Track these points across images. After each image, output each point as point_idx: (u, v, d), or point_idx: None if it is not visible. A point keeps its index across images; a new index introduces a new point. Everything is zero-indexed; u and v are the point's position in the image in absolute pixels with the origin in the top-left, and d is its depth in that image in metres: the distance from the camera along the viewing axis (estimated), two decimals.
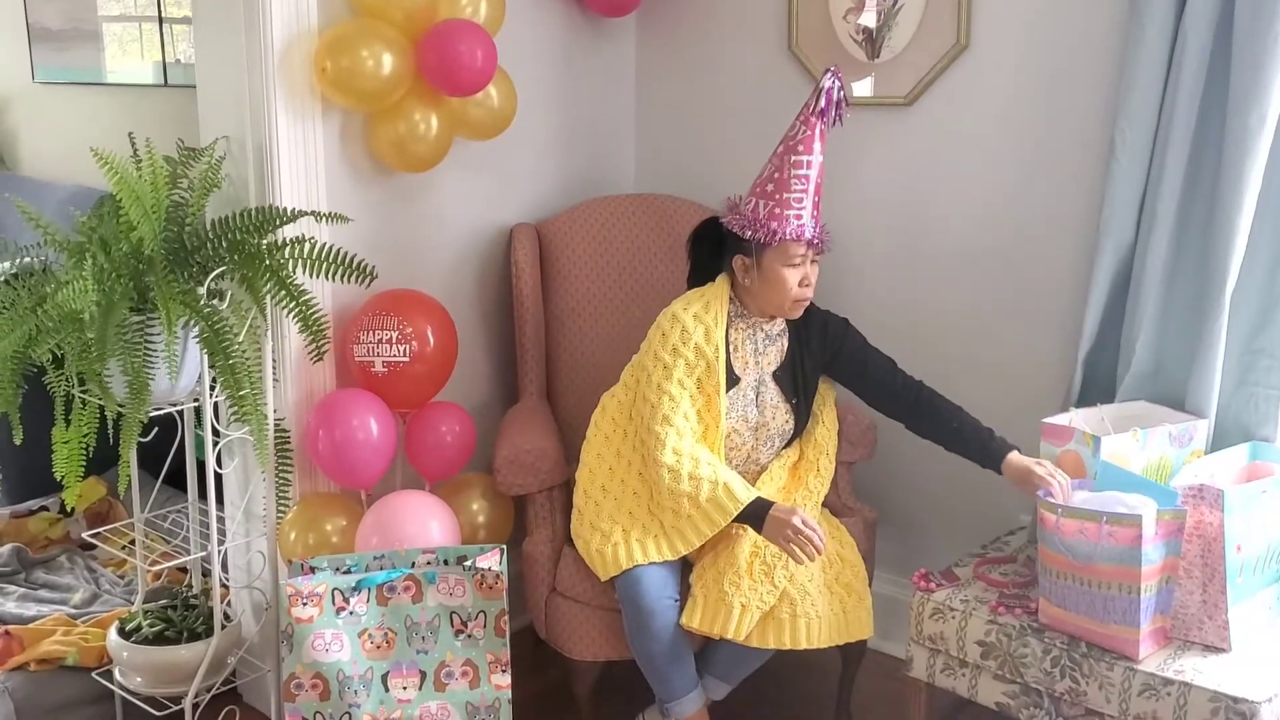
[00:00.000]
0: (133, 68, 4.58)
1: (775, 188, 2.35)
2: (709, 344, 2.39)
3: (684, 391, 2.38)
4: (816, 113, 2.33)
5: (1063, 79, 2.60)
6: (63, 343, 2.18)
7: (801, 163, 2.33)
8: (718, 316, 2.42)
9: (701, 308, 2.42)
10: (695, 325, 2.40)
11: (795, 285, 2.38)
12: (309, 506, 2.60)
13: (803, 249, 2.36)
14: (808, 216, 2.35)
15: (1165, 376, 2.46)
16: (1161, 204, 2.37)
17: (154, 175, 2.28)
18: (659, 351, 2.41)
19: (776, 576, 2.32)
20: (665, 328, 2.42)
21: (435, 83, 2.55)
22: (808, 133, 2.33)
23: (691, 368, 2.39)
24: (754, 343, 2.47)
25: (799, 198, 2.33)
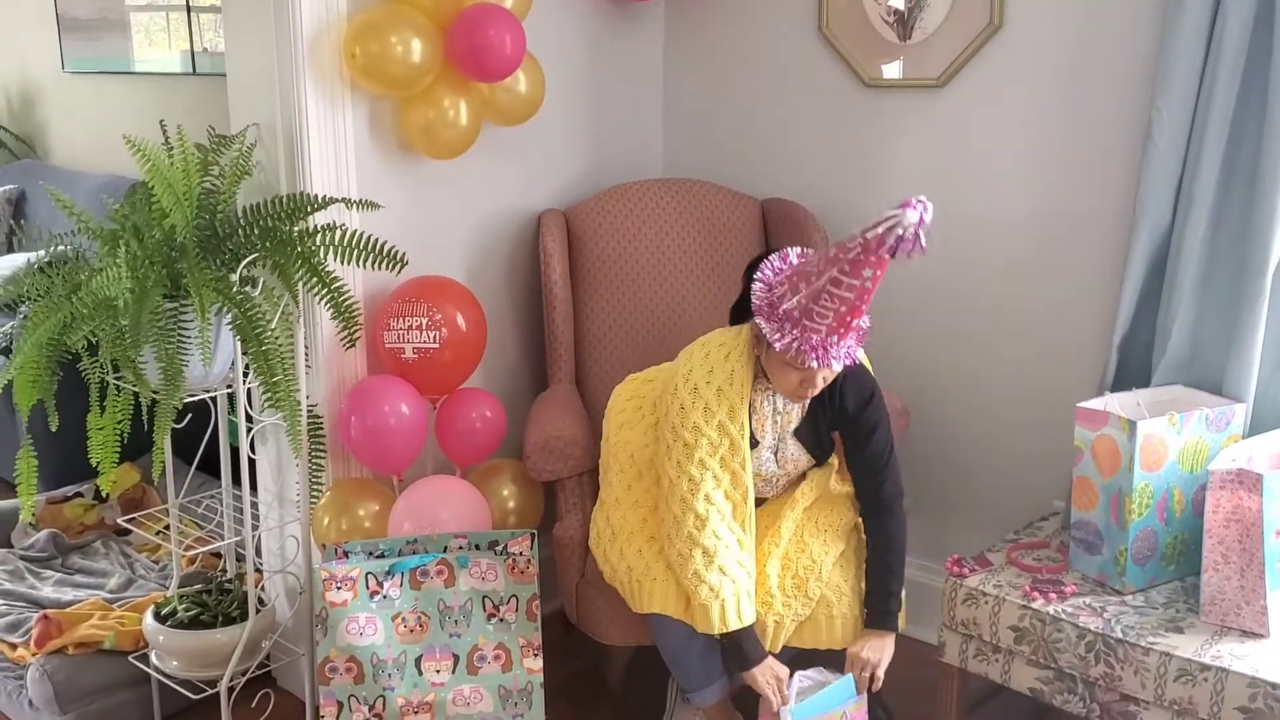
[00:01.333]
0: (160, 57, 4.61)
1: (807, 298, 2.04)
2: (734, 423, 2.22)
3: (705, 472, 2.22)
4: (879, 245, 1.92)
5: (1098, 59, 2.57)
6: (97, 330, 2.19)
7: (841, 283, 1.98)
8: (742, 390, 2.23)
9: (725, 379, 2.22)
10: (719, 402, 2.22)
11: (796, 384, 2.16)
12: (342, 492, 2.61)
13: (811, 363, 2.09)
14: (828, 333, 2.04)
15: (1202, 360, 2.43)
16: (1199, 185, 2.34)
17: (186, 162, 2.29)
18: (678, 428, 2.23)
19: (810, 589, 2.29)
20: (685, 403, 2.23)
21: (464, 68, 2.54)
22: (859, 256, 1.94)
23: (715, 447, 2.22)
24: (772, 404, 2.30)
25: (824, 316, 2.02)
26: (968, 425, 2.92)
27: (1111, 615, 2.16)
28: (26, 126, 5.45)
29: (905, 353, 2.97)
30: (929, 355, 2.95)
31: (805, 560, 2.31)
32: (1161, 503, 2.26)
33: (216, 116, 2.67)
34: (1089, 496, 2.31)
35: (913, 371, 2.96)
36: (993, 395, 2.86)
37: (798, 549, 2.33)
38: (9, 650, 2.75)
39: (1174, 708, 2.03)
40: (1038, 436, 2.77)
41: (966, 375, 2.90)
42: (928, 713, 2.49)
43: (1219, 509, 2.12)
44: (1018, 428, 2.83)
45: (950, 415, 2.93)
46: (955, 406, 2.92)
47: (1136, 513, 2.23)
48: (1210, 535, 2.13)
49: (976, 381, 2.89)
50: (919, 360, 2.96)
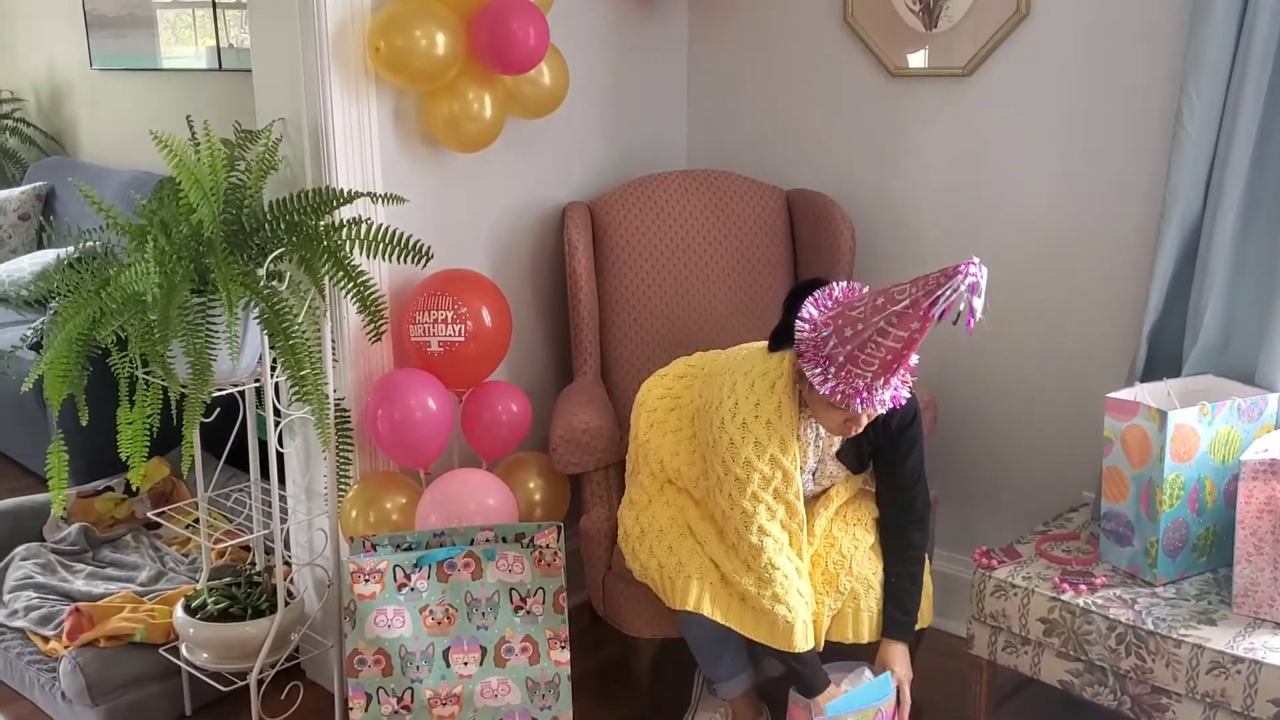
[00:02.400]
0: (187, 53, 4.64)
1: (853, 345, 1.99)
2: (786, 455, 2.18)
3: (759, 505, 2.20)
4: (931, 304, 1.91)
5: (1127, 46, 2.54)
6: (126, 325, 2.21)
7: (889, 334, 1.95)
8: (791, 423, 2.18)
9: (774, 412, 2.17)
10: (769, 436, 2.17)
11: (839, 423, 2.14)
12: (369, 485, 2.62)
13: (854, 408, 2.06)
14: (873, 379, 2.00)
15: (1234, 350, 2.41)
16: (1230, 173, 2.32)
17: (212, 158, 2.30)
18: (729, 463, 2.19)
19: (842, 583, 2.28)
20: (735, 437, 2.18)
21: (488, 61, 2.54)
22: (910, 310, 1.93)
23: (767, 480, 2.19)
24: (815, 431, 2.26)
25: (870, 363, 1.99)
26: (996, 416, 2.90)
27: (1143, 607, 2.14)
28: (55, 123, 5.50)
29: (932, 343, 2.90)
30: (956, 346, 2.93)
31: (835, 555, 2.30)
32: (1193, 494, 2.24)
33: (242, 112, 2.68)
34: (1119, 488, 2.29)
35: (940, 362, 2.94)
36: (1021, 386, 2.84)
37: (827, 544, 2.32)
38: (41, 643, 2.78)
39: (1206, 700, 2.02)
40: (1067, 427, 2.75)
41: (994, 366, 2.88)
42: (957, 706, 2.48)
43: (1251, 500, 2.10)
44: (1046, 418, 2.81)
45: (978, 406, 2.92)
46: (983, 397, 2.90)
47: (1168, 504, 2.20)
48: (1243, 526, 2.11)
49: (1004, 372, 2.87)
50: (946, 351, 2.94)
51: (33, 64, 5.52)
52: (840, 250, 2.88)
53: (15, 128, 5.48)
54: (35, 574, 3.04)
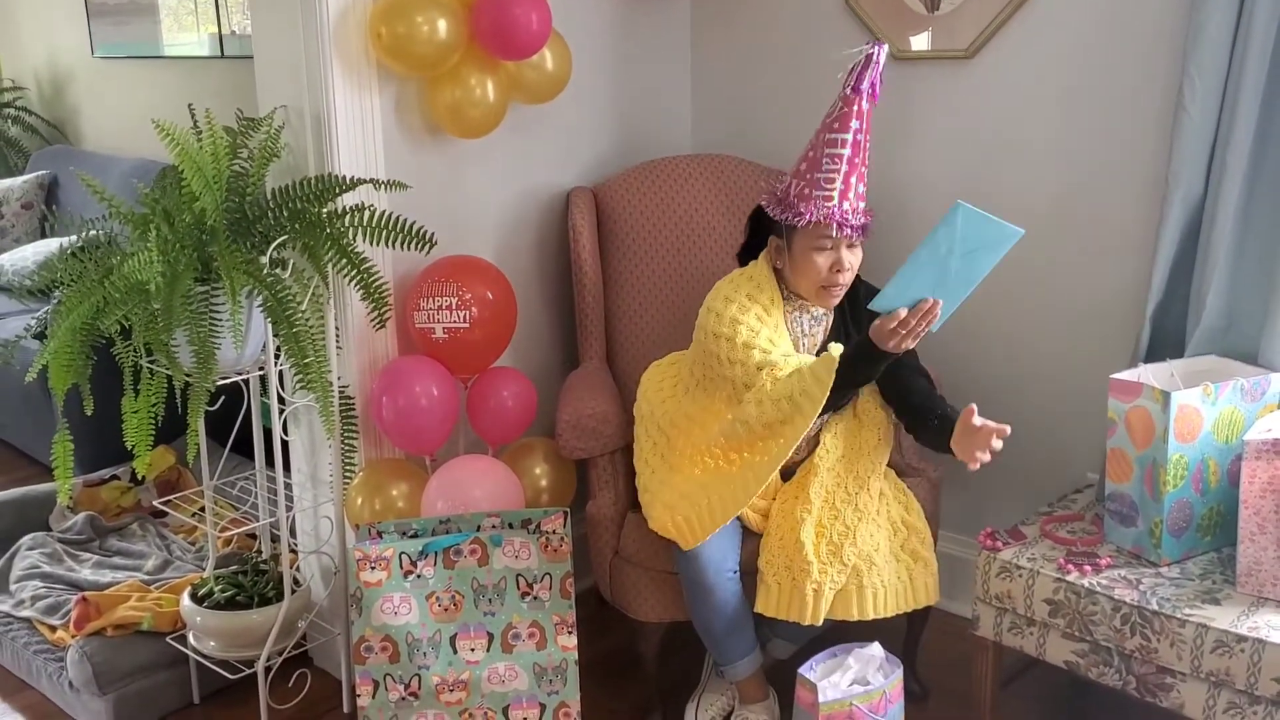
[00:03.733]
0: (189, 40, 4.63)
1: (808, 167, 2.24)
2: (770, 316, 2.30)
3: (751, 351, 2.23)
4: (854, 88, 2.21)
5: (1128, 26, 2.53)
6: (130, 314, 2.21)
7: (836, 141, 2.20)
8: (773, 295, 2.32)
9: (754, 288, 2.32)
10: (753, 303, 2.30)
11: (825, 270, 2.25)
12: (374, 472, 2.63)
13: (832, 232, 2.23)
14: (839, 198, 2.21)
15: (1237, 330, 2.40)
16: (1232, 154, 2.31)
17: (215, 146, 2.30)
18: (717, 330, 2.29)
19: (845, 554, 2.30)
20: (719, 307, 2.31)
21: (490, 47, 2.54)
22: (844, 109, 2.21)
23: (755, 331, 2.27)
24: (800, 325, 2.37)
25: (829, 178, 2.20)
26: (1000, 397, 2.89)
27: (1147, 587, 2.15)
28: (57, 112, 5.50)
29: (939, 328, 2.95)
30: (960, 327, 2.90)
31: (840, 527, 2.32)
32: (1197, 474, 2.24)
33: (244, 99, 2.68)
34: (1123, 468, 2.29)
35: (944, 343, 2.92)
36: (1025, 367, 2.84)
37: (830, 515, 2.33)
38: (48, 632, 2.80)
39: (1211, 679, 2.02)
40: (1071, 408, 2.75)
41: (998, 347, 2.88)
42: (962, 686, 2.49)
43: (1255, 479, 2.10)
44: (1050, 399, 2.81)
45: (982, 387, 2.90)
46: (987, 378, 2.90)
47: (1171, 484, 2.21)
48: (1246, 506, 2.11)
49: (1009, 353, 2.87)
50: (950, 332, 2.90)
51: (34, 52, 5.52)
52: None
53: (17, 116, 5.48)
54: (42, 563, 3.05)
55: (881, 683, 2.25)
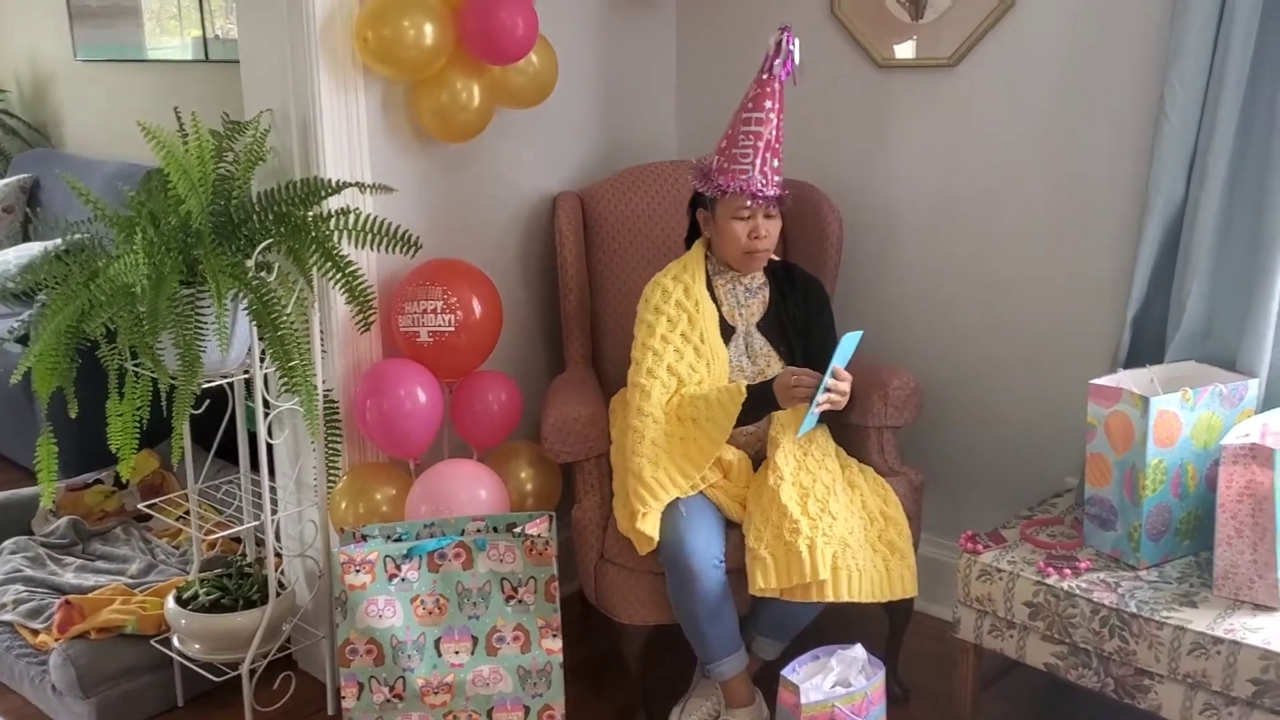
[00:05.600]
0: (173, 43, 4.62)
1: (727, 143, 2.47)
2: (688, 298, 2.50)
3: (667, 346, 2.47)
4: (768, 72, 2.42)
5: (1111, 35, 2.56)
6: (115, 317, 2.21)
7: (751, 119, 2.43)
8: (695, 273, 2.54)
9: (680, 269, 2.55)
10: (674, 284, 2.52)
11: (744, 237, 2.48)
12: (359, 476, 2.63)
13: (748, 201, 2.44)
14: (755, 172, 2.43)
15: (1216, 336, 2.43)
16: (1213, 161, 2.34)
17: (200, 149, 2.30)
18: (643, 315, 2.53)
19: (832, 507, 2.34)
20: (647, 294, 2.55)
21: (476, 51, 2.55)
22: (757, 91, 2.44)
23: (674, 323, 2.48)
24: (736, 295, 2.58)
25: (745, 153, 2.43)
26: (981, 402, 2.93)
27: (1125, 590, 2.17)
28: (39, 114, 5.47)
29: (920, 329, 2.98)
30: (943, 333, 2.96)
31: (820, 488, 2.37)
32: (1175, 478, 2.26)
33: (230, 103, 2.68)
34: (1102, 473, 2.32)
35: (927, 348, 2.96)
36: (1006, 372, 2.87)
37: (809, 477, 2.38)
38: (31, 636, 2.79)
39: (1187, 681, 2.05)
40: (1052, 413, 2.78)
41: (980, 352, 2.90)
42: (944, 689, 2.50)
43: (1232, 484, 2.13)
44: (1031, 404, 2.83)
45: (964, 392, 2.94)
46: (969, 383, 2.93)
47: (1150, 489, 2.23)
48: (1223, 510, 2.14)
49: (990, 358, 2.89)
50: (933, 337, 2.97)
51: (15, 55, 5.49)
52: (828, 239, 2.90)
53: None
54: (24, 567, 3.04)
55: (863, 684, 2.26)
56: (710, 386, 2.46)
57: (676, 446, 2.42)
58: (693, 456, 2.41)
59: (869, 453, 2.64)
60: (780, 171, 2.49)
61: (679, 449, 2.42)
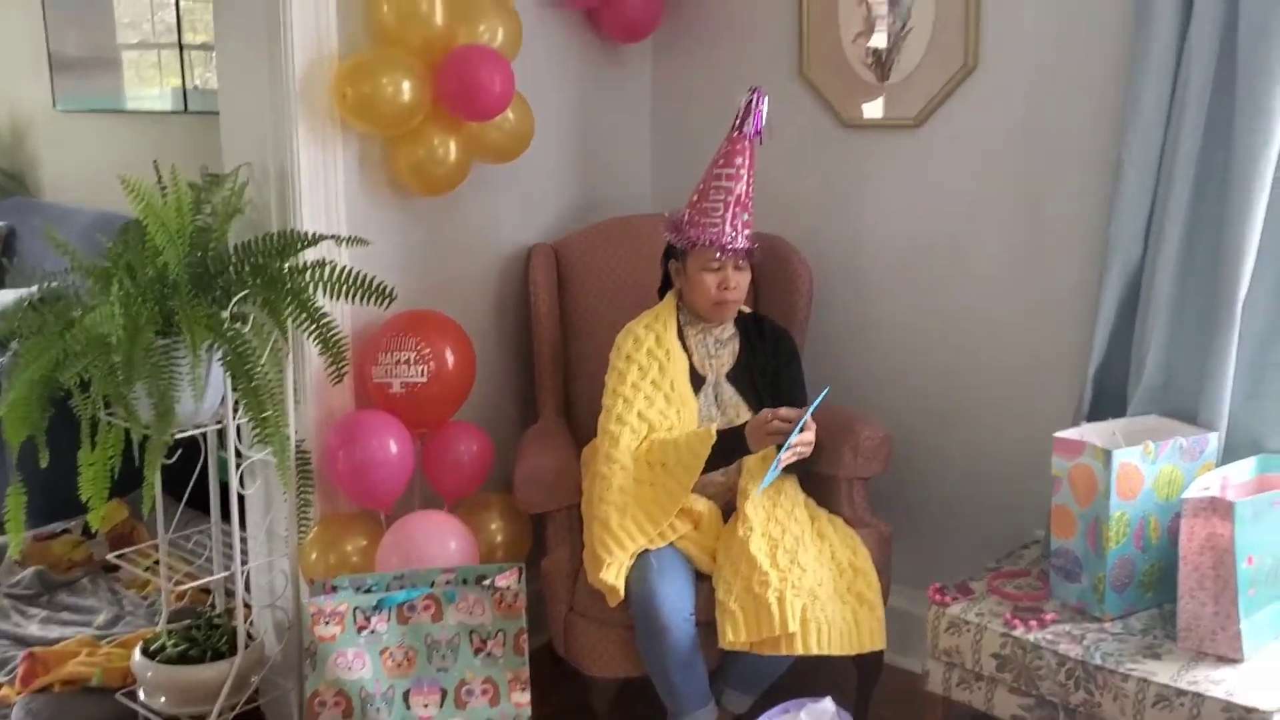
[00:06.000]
0: (152, 93, 4.65)
1: (699, 198, 2.56)
2: (660, 347, 2.57)
3: (637, 393, 2.53)
4: (738, 129, 2.52)
5: (1070, 98, 2.63)
6: (89, 366, 2.22)
7: (722, 175, 2.52)
8: (666, 323, 2.61)
9: (652, 318, 2.62)
10: (646, 333, 2.58)
11: (714, 288, 2.55)
12: (329, 527, 2.63)
13: (718, 254, 2.51)
14: (725, 225, 2.51)
15: (1176, 390, 2.47)
16: (1170, 219, 2.40)
17: (179, 201, 2.32)
18: (614, 363, 2.60)
19: (801, 559, 2.35)
20: (620, 342, 2.61)
21: (454, 108, 2.59)
22: (729, 148, 2.53)
23: (644, 371, 2.54)
24: (706, 346, 2.64)
25: (716, 207, 2.51)
26: (950, 454, 2.96)
27: (1091, 642, 2.19)
28: (16, 163, 5.48)
29: (888, 381, 3.02)
30: (910, 386, 3.00)
31: (789, 540, 2.38)
32: (1138, 531, 2.29)
33: (208, 154, 2.71)
34: (1067, 525, 2.35)
35: (896, 399, 3.00)
36: (974, 424, 2.91)
37: (778, 528, 2.40)
38: None
39: None
40: (1019, 465, 2.81)
41: (948, 404, 2.94)
42: None
43: (1193, 536, 2.16)
44: (999, 456, 2.87)
45: (933, 444, 2.97)
46: (938, 434, 2.96)
47: (1114, 541, 2.26)
48: (1185, 562, 2.17)
49: (958, 410, 2.93)
50: (901, 388, 3.01)
51: None
52: (799, 292, 2.94)
53: None
54: None
55: None
56: (679, 432, 2.49)
57: (645, 492, 2.43)
58: (661, 502, 2.43)
59: (839, 503, 2.66)
60: (750, 225, 2.55)
61: (647, 495, 2.43)
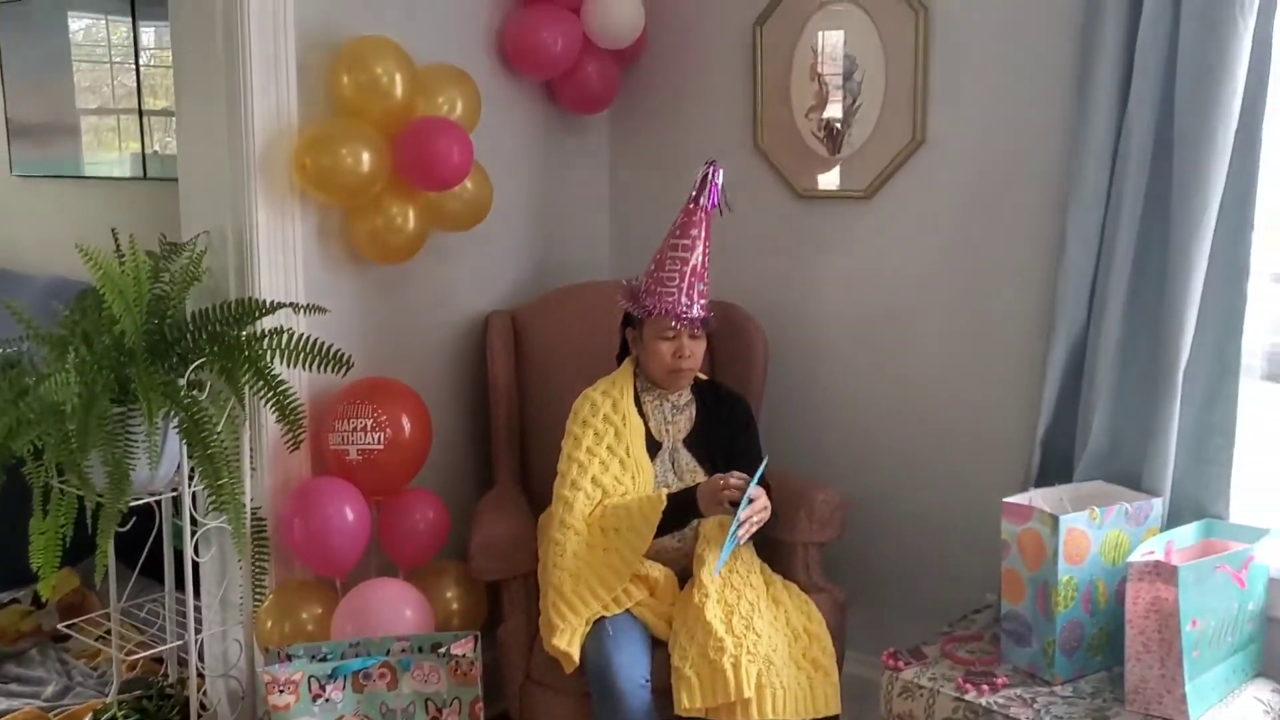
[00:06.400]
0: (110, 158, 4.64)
1: (655, 267, 2.58)
2: (616, 412, 2.57)
3: (593, 459, 2.53)
4: (694, 201, 2.57)
5: (1015, 172, 2.72)
6: (43, 435, 2.21)
7: (678, 246, 2.56)
8: (623, 389, 2.62)
9: (609, 384, 2.63)
10: (603, 399, 2.59)
11: (669, 356, 2.56)
12: (285, 594, 2.62)
13: (674, 323, 2.54)
14: (681, 295, 2.54)
15: (1121, 456, 2.52)
16: (1111, 289, 2.46)
17: (137, 270, 2.34)
18: (570, 427, 2.59)
19: (756, 625, 2.36)
20: (576, 407, 2.61)
21: (412, 179, 2.63)
22: (685, 219, 2.57)
23: (600, 436, 2.55)
24: (663, 412, 2.65)
25: (672, 277, 2.54)
26: (904, 518, 2.99)
27: (1041, 706, 2.21)
28: None
29: (843, 446, 3.06)
30: (864, 452, 3.04)
31: (744, 605, 2.39)
32: (1086, 594, 2.33)
33: (167, 220, 2.72)
34: (1017, 589, 2.38)
35: (850, 464, 3.03)
36: (927, 489, 2.94)
37: (734, 594, 2.40)
38: None
39: None
40: (971, 530, 2.84)
41: (902, 469, 2.98)
42: None
43: (1139, 600, 2.20)
44: (952, 521, 2.90)
45: (887, 508, 3.00)
46: (892, 499, 3.00)
47: (1062, 604, 2.29)
48: (1131, 626, 2.20)
49: (912, 475, 2.97)
50: (856, 454, 3.04)
51: None
52: (755, 359, 2.98)
53: None
54: None
55: None
56: (633, 497, 2.51)
57: (599, 558, 2.44)
58: (615, 567, 2.44)
59: (794, 569, 2.68)
60: (706, 295, 2.58)
61: (600, 560, 2.44)
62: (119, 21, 4.44)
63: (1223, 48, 2.26)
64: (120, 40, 4.47)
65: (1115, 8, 2.40)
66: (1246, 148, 2.31)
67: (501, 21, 3.05)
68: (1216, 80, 2.27)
